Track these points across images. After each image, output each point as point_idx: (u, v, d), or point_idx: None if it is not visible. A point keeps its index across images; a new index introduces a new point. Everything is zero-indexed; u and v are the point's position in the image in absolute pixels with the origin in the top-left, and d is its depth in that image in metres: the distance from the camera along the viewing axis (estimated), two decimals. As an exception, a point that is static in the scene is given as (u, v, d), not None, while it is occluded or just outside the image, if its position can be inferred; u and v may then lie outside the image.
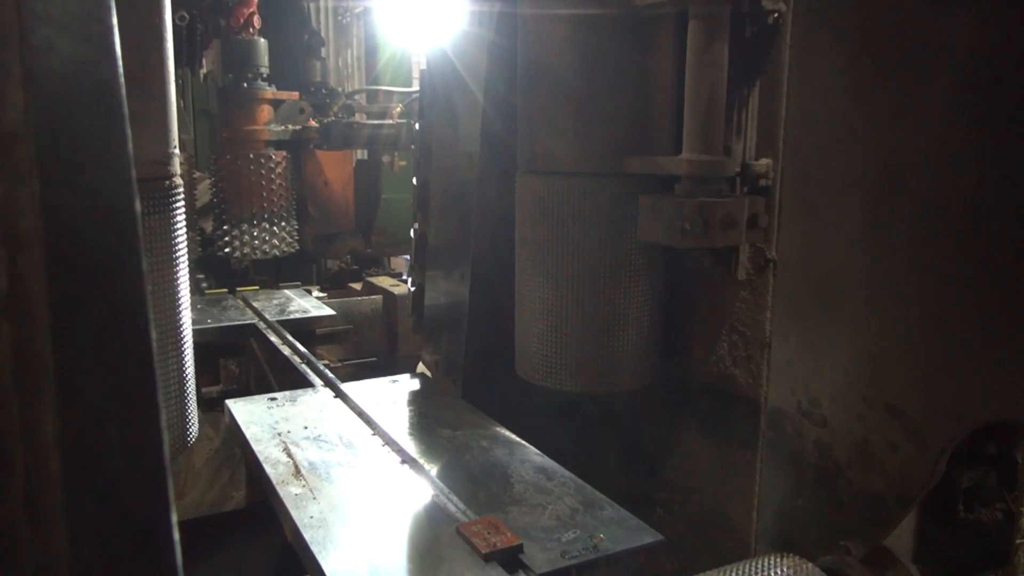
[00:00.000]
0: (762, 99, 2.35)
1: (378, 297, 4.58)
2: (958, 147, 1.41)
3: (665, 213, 2.20)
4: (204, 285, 4.84)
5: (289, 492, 1.84)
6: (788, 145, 1.75)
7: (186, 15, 5.16)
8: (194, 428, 2.03)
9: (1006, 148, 1.35)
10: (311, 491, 1.85)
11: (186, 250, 1.93)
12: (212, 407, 3.69)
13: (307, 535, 1.64)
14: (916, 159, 1.47)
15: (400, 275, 5.62)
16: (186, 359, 1.96)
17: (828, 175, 1.65)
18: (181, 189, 1.91)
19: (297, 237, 5.23)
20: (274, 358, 3.33)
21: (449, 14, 2.95)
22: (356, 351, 4.37)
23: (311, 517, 1.72)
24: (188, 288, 1.96)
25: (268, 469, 1.96)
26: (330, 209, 5.58)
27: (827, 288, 1.68)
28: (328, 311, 3.94)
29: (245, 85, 4.99)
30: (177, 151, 1.92)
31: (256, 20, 5.06)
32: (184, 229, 1.92)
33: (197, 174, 5.69)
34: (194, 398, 2.02)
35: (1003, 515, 1.89)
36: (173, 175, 1.89)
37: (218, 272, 5.20)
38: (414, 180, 3.39)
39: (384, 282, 4.80)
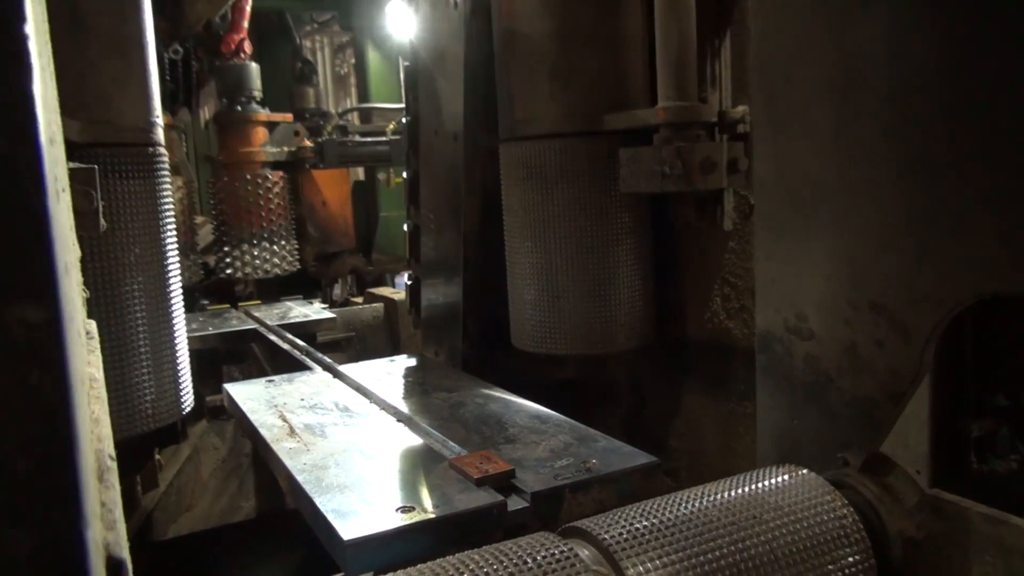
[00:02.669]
0: (734, 47, 2.39)
1: (379, 305, 4.60)
2: (917, 34, 1.43)
3: (644, 161, 2.23)
4: (208, 308, 4.87)
5: (283, 447, 1.84)
6: (755, 64, 1.77)
7: (180, 48, 5.27)
8: (188, 397, 2.04)
9: (964, 28, 1.37)
10: (305, 445, 1.85)
11: (173, 216, 1.96)
12: (216, 416, 3.70)
13: (300, 478, 1.64)
14: (877, 52, 1.49)
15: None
16: (176, 326, 1.97)
17: (793, 86, 1.67)
18: (165, 157, 1.95)
19: (297, 256, 5.27)
20: (275, 358, 3.34)
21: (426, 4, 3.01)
22: (359, 358, 4.37)
23: (304, 463, 1.71)
24: (177, 255, 1.98)
25: (263, 432, 1.96)
26: (329, 228, 5.63)
27: (803, 198, 1.68)
28: (328, 314, 3.96)
29: (239, 108, 5.08)
30: (160, 120, 1.96)
31: (247, 46, 5.18)
32: (170, 196, 1.95)
33: (200, 219, 5.75)
34: (187, 367, 2.04)
35: (1018, 466, 1.86)
36: (157, 143, 1.92)
37: (222, 299, 5.24)
38: (404, 174, 3.43)
39: (384, 291, 4.82)
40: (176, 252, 1.96)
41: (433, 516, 1.41)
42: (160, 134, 1.95)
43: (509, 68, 2.50)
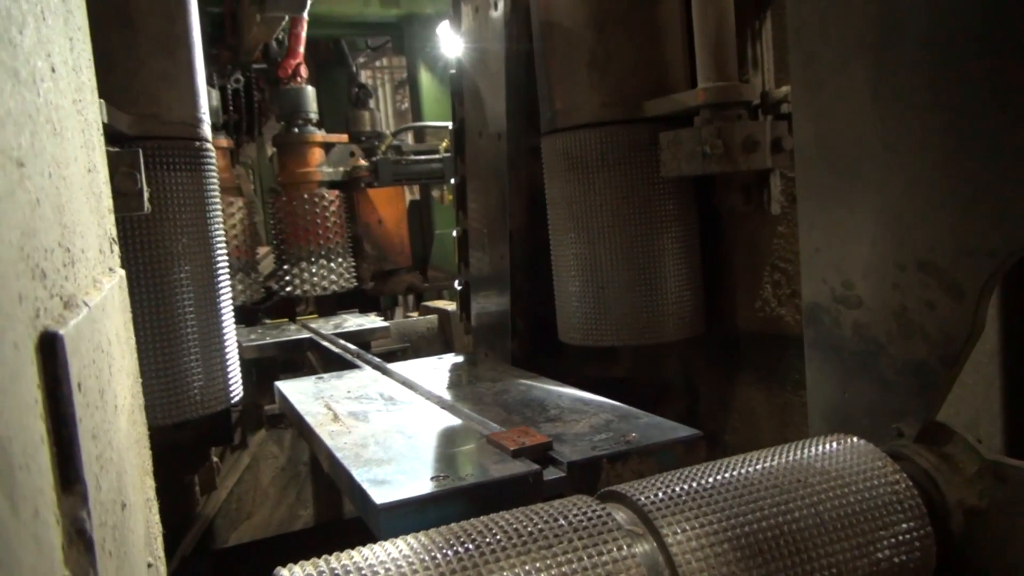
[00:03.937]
0: (775, 28, 2.35)
1: (433, 316, 4.63)
2: (953, -21, 1.38)
3: (685, 143, 2.20)
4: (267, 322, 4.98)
5: (326, 430, 1.85)
6: (791, 27, 1.74)
7: (241, 77, 5.46)
8: (238, 387, 2.08)
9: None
10: (348, 428, 1.86)
11: (220, 209, 2.01)
12: (275, 424, 3.76)
13: (339, 455, 1.64)
14: (915, 2, 1.45)
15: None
16: (224, 315, 2.02)
17: (830, 46, 1.63)
18: (212, 152, 2.02)
19: (355, 273, 5.36)
20: (329, 366, 3.39)
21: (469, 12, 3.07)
22: (414, 369, 4.40)
23: (345, 443, 1.72)
24: (224, 246, 2.04)
25: (308, 419, 1.99)
26: (385, 246, 5.72)
27: (844, 161, 1.63)
28: (383, 324, 4.00)
29: (296, 130, 5.24)
30: (207, 117, 2.03)
31: (303, 70, 5.34)
32: (217, 190, 2.01)
33: (263, 249, 5.89)
34: (236, 357, 2.08)
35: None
36: (204, 138, 1.99)
37: (281, 316, 5.35)
38: (452, 181, 3.47)
39: (439, 303, 4.86)
40: (223, 242, 2.01)
41: (467, 483, 1.39)
42: (207, 130, 2.02)
43: (548, 60, 2.51)
